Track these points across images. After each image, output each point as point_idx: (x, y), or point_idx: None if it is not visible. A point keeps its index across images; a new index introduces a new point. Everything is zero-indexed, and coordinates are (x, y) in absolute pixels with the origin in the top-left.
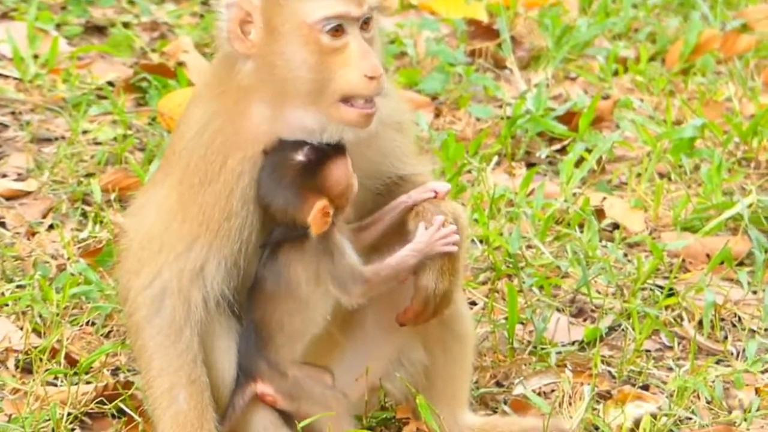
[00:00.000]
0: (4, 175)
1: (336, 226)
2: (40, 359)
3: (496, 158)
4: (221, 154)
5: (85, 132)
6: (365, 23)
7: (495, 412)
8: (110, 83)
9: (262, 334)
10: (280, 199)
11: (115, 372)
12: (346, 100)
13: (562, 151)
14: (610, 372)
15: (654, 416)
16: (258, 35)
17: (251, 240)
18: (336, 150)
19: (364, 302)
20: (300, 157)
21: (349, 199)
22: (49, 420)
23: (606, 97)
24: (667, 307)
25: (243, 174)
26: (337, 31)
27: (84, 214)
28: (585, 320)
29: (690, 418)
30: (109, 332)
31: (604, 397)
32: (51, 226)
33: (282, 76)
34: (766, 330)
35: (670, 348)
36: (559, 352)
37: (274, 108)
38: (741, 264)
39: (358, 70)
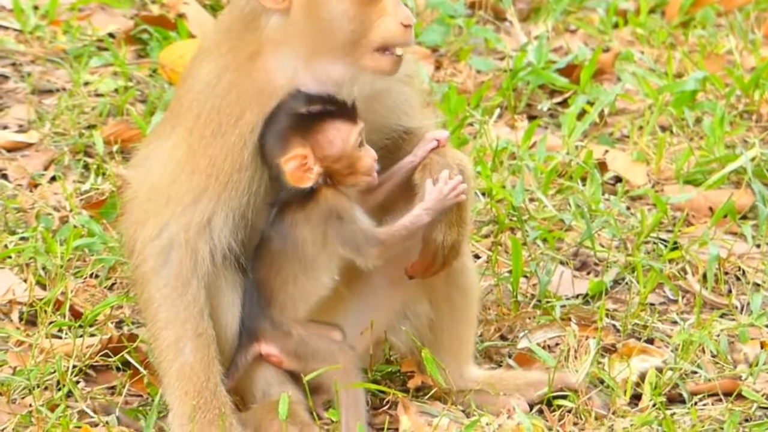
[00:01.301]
0: (5, 127)
1: (342, 191)
2: (45, 311)
3: (497, 111)
4: (238, 107)
5: (86, 83)
6: None
7: (500, 365)
8: (111, 35)
9: (266, 294)
10: (269, 142)
11: (119, 324)
12: (383, 48)
13: (564, 103)
14: (614, 326)
15: (659, 370)
16: None
17: (260, 193)
18: (344, 114)
19: (380, 263)
20: (303, 107)
21: (353, 171)
22: (54, 372)
23: (606, 50)
24: (671, 261)
25: (257, 127)
26: None
27: (86, 166)
28: (589, 273)
29: (695, 372)
30: (113, 284)
31: (609, 350)
32: (53, 178)
33: (319, 28)
34: None
35: (675, 302)
36: (564, 306)
37: (302, 61)
38: (744, 217)
39: (395, 18)
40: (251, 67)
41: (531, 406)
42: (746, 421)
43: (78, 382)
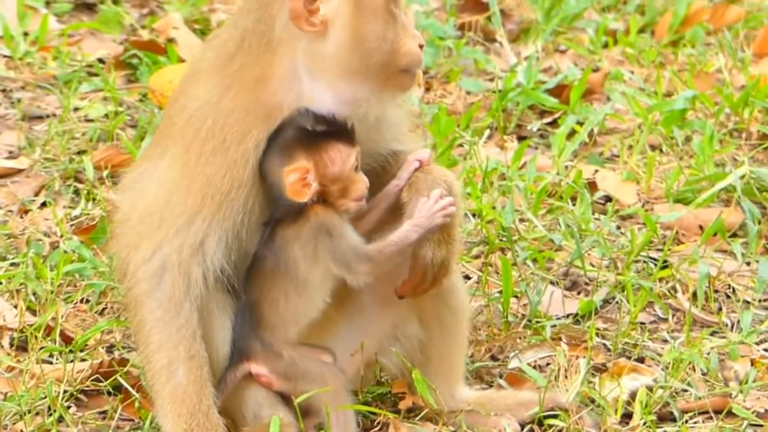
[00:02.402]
0: None
1: (335, 212)
2: (35, 337)
3: (487, 132)
4: (244, 124)
5: (76, 109)
6: None
7: (490, 386)
8: (101, 60)
9: (257, 314)
10: (271, 154)
11: (110, 349)
12: (406, 69)
13: (554, 124)
14: (605, 345)
15: (650, 389)
16: (333, 12)
17: (254, 211)
18: (345, 137)
19: (370, 281)
20: (310, 124)
21: (345, 195)
22: (45, 398)
23: (596, 70)
24: (661, 279)
25: (261, 144)
26: (397, 1)
27: (76, 192)
28: (579, 293)
29: (686, 390)
30: (104, 309)
31: (600, 370)
32: (44, 204)
33: (355, 50)
34: (760, 301)
35: (665, 320)
36: (554, 326)
37: (326, 82)
38: (734, 235)
39: (415, 40)
40: (261, 88)
41: (522, 426)
42: None
43: (69, 407)
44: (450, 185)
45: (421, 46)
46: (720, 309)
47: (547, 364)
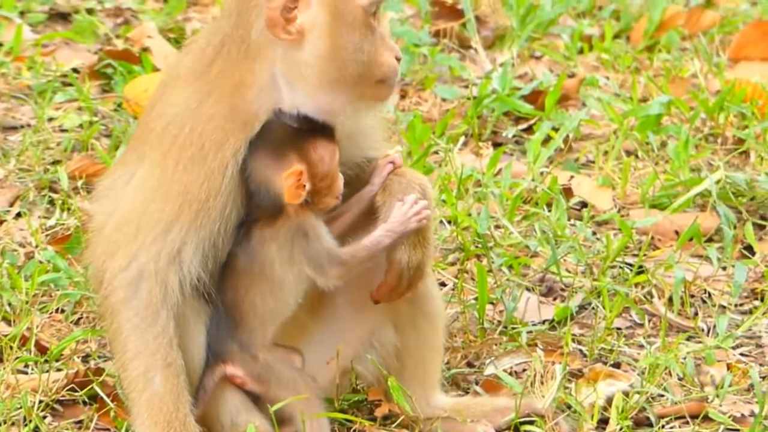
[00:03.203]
0: None
1: (312, 211)
2: (10, 347)
3: (462, 138)
4: (222, 132)
5: (50, 119)
6: None
7: (467, 392)
8: (75, 70)
9: (234, 315)
10: (262, 154)
11: (85, 359)
12: (383, 80)
13: (529, 130)
14: (581, 350)
15: (626, 394)
16: (310, 22)
17: (231, 219)
18: (328, 135)
19: (341, 284)
20: (293, 123)
21: (329, 192)
22: (21, 408)
23: (571, 76)
24: (636, 285)
25: (240, 151)
26: (375, 13)
27: (51, 202)
28: (555, 299)
29: (662, 395)
30: (79, 319)
31: (576, 375)
32: (18, 214)
33: (332, 61)
34: (736, 306)
35: (641, 325)
36: (530, 332)
37: (304, 92)
38: (710, 240)
39: (392, 52)
40: (239, 95)
41: None
42: None
43: (45, 417)
44: (424, 189)
45: (398, 59)
46: (696, 314)
47: (524, 370)
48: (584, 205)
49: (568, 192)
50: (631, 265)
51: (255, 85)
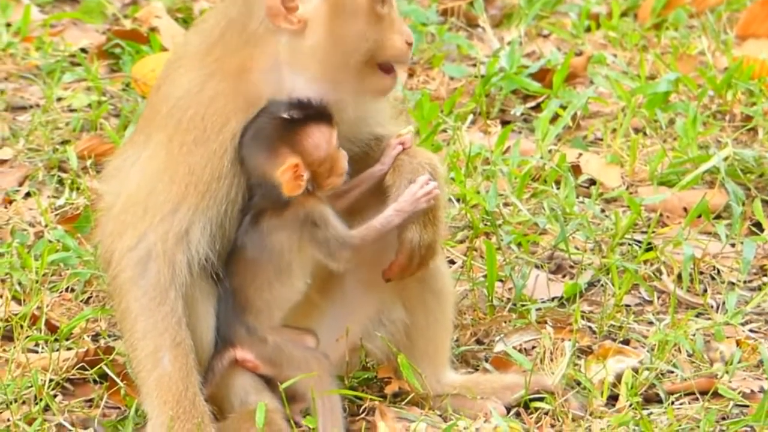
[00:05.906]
0: None
1: (317, 196)
2: (21, 326)
3: (470, 117)
4: (223, 115)
5: (59, 99)
6: None
7: (476, 369)
8: (83, 50)
9: (241, 300)
10: (255, 152)
11: (95, 338)
12: (385, 67)
13: (537, 108)
14: (590, 327)
15: (635, 370)
16: (312, 11)
17: (237, 201)
18: (324, 117)
19: (351, 266)
20: (284, 113)
21: (332, 173)
22: (31, 386)
23: (579, 54)
24: (645, 262)
25: (238, 135)
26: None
27: (60, 181)
28: (564, 276)
29: (672, 372)
30: (89, 298)
31: (585, 352)
32: (28, 194)
33: (334, 49)
34: (745, 282)
35: (650, 302)
36: (539, 309)
37: (305, 79)
38: (718, 217)
39: (401, 36)
40: (242, 78)
41: (508, 409)
42: (723, 419)
43: (55, 396)
44: (434, 168)
45: (409, 44)
46: (705, 290)
47: (533, 347)
48: (593, 182)
49: (576, 169)
50: (639, 242)
51: (257, 69)
